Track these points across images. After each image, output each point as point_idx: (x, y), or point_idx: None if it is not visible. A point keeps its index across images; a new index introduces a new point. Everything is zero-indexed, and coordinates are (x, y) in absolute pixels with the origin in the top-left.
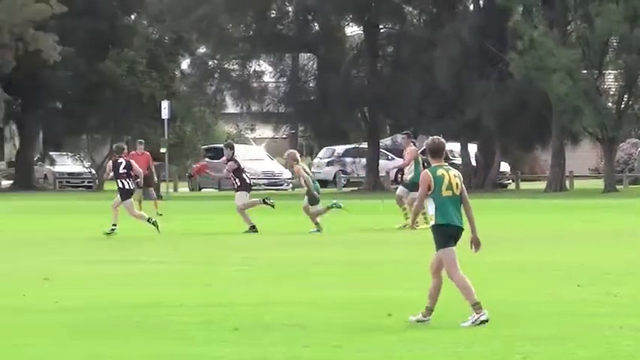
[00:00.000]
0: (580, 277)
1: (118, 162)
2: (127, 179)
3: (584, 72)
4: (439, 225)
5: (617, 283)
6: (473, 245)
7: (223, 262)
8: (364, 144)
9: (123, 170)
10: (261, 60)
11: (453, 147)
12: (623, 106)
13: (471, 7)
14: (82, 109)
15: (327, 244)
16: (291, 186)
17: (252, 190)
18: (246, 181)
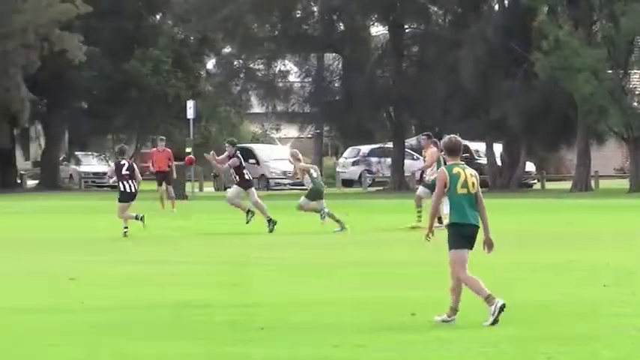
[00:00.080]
0: (606, 277)
1: (120, 164)
2: (130, 181)
3: (610, 72)
4: (454, 224)
5: None
6: (485, 246)
7: (249, 262)
8: (389, 144)
9: (126, 172)
10: (287, 60)
11: (478, 147)
12: None
13: (496, 7)
14: (107, 109)
15: (351, 244)
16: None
17: (251, 187)
18: (245, 177)
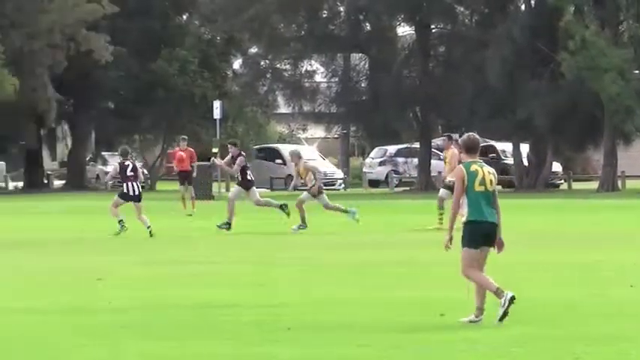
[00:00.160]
0: (633, 277)
1: (125, 165)
2: (135, 183)
3: (636, 72)
4: (470, 222)
5: None
6: (496, 246)
7: (274, 263)
8: (416, 144)
9: (130, 173)
10: (313, 60)
11: (504, 147)
12: None
13: (523, 7)
14: (134, 109)
15: (378, 245)
16: (343, 186)
17: (252, 187)
18: (247, 177)
